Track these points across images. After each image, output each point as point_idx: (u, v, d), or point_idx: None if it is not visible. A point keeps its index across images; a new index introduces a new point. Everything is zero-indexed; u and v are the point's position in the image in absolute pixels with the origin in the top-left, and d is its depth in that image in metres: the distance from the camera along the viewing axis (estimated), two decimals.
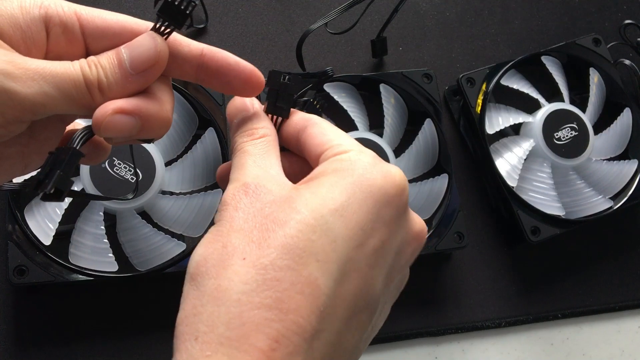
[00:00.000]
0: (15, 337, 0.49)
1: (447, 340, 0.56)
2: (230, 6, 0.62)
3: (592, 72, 0.61)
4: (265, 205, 0.27)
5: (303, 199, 0.27)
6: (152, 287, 0.51)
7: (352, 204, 0.28)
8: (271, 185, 0.29)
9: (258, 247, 0.26)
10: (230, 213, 0.28)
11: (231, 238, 0.27)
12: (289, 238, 0.26)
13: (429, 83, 0.57)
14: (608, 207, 0.58)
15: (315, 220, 0.27)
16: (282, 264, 0.26)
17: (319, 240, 0.26)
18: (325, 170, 0.29)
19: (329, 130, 0.32)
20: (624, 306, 0.60)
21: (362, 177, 0.28)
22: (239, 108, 0.33)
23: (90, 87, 0.28)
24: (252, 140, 0.32)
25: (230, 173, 0.31)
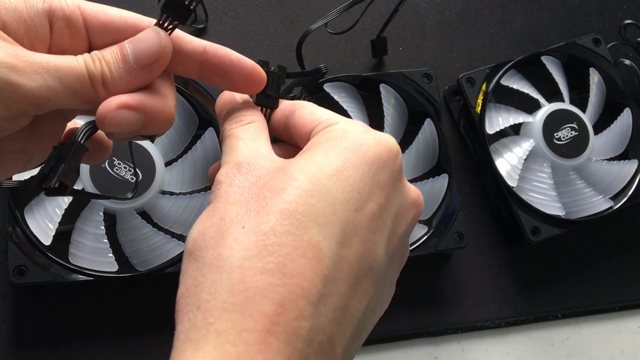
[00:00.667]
0: (15, 337, 0.49)
1: (447, 340, 0.56)
2: (230, 6, 0.62)
3: (592, 72, 0.61)
4: (260, 178, 0.28)
5: (298, 166, 0.28)
6: (152, 287, 0.51)
7: (348, 167, 0.28)
8: (264, 161, 0.29)
9: (257, 215, 0.26)
10: (224, 189, 0.28)
11: (228, 210, 0.27)
12: (287, 204, 0.26)
13: (429, 83, 0.57)
14: (608, 207, 0.58)
15: (312, 185, 0.27)
16: (283, 229, 0.26)
17: (318, 204, 0.26)
18: (318, 141, 0.29)
19: (317, 109, 0.32)
20: (624, 306, 0.60)
21: (356, 143, 0.29)
22: (227, 100, 0.34)
23: (94, 82, 0.28)
24: (241, 126, 0.32)
25: (222, 158, 0.31)
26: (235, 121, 0.33)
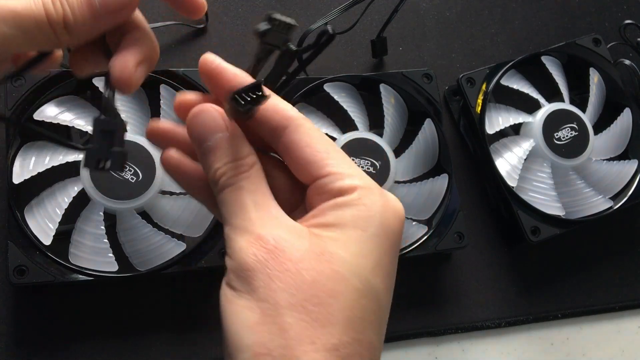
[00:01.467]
0: (16, 337, 0.49)
1: (447, 340, 0.56)
2: (230, 6, 0.62)
3: (592, 72, 0.61)
4: (301, 269, 0.26)
5: (341, 260, 0.27)
6: (152, 287, 0.51)
7: (382, 257, 0.28)
8: (288, 236, 0.27)
9: (322, 327, 0.26)
10: (265, 283, 0.26)
11: (285, 318, 0.25)
12: (348, 311, 0.26)
13: (429, 83, 0.57)
14: (608, 207, 0.58)
15: (362, 285, 0.27)
16: (349, 338, 0.26)
17: (368, 304, 0.27)
18: (343, 221, 0.28)
19: (317, 143, 0.30)
20: (624, 306, 0.60)
21: (382, 227, 0.28)
22: (211, 128, 0.30)
23: (55, 26, 0.27)
24: (244, 174, 0.29)
25: (226, 214, 0.29)
26: (234, 166, 0.29)
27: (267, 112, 0.30)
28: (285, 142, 0.30)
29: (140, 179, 0.48)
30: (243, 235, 0.28)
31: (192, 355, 0.51)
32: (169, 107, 0.51)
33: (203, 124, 0.30)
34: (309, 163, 0.30)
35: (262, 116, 0.30)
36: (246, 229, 0.28)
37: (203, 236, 0.49)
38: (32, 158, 0.48)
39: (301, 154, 0.30)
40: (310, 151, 0.30)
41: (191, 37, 0.60)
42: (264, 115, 0.30)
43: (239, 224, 0.28)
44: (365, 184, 0.29)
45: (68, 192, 0.47)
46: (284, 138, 0.30)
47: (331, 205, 0.29)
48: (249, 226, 0.28)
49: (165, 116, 0.50)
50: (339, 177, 0.29)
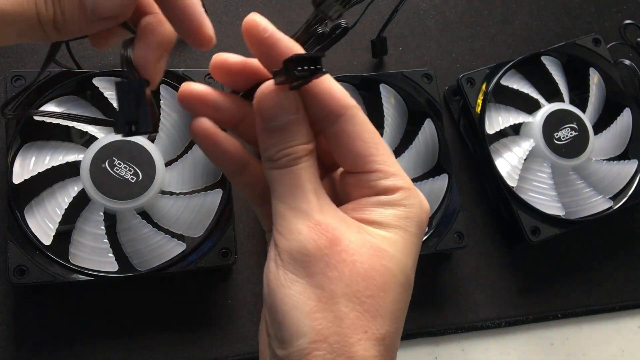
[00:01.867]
0: (16, 337, 0.49)
1: (447, 340, 0.56)
2: (230, 6, 0.62)
3: (592, 72, 0.61)
4: (356, 261, 0.28)
5: (390, 256, 0.29)
6: (152, 287, 0.51)
7: (416, 255, 0.30)
8: (342, 226, 0.29)
9: (373, 318, 0.27)
10: (322, 270, 0.27)
11: (341, 307, 0.27)
12: (394, 303, 0.28)
13: (429, 83, 0.57)
14: (608, 207, 0.58)
15: (405, 280, 0.29)
16: (393, 329, 0.28)
17: (407, 296, 0.30)
18: (387, 220, 0.30)
19: (368, 136, 0.30)
20: (624, 306, 0.60)
21: (419, 226, 0.30)
22: (285, 108, 0.29)
23: (45, 25, 0.27)
24: (307, 157, 0.30)
25: (282, 193, 0.29)
26: (300, 148, 0.30)
27: (324, 97, 0.30)
28: (337, 130, 0.30)
29: (140, 179, 0.48)
30: (301, 219, 0.28)
31: (192, 355, 0.51)
32: (169, 107, 0.51)
33: (278, 103, 0.29)
34: (358, 156, 0.30)
35: (319, 100, 0.30)
36: (305, 213, 0.28)
37: (203, 236, 0.49)
38: (32, 158, 0.48)
39: (351, 146, 0.30)
40: (361, 144, 0.30)
41: None
42: (321, 99, 0.30)
43: (297, 205, 0.29)
44: (407, 184, 0.31)
45: (68, 192, 0.47)
46: (337, 126, 0.30)
47: (374, 203, 0.30)
48: (309, 210, 0.28)
49: (165, 116, 0.50)
50: (384, 175, 0.30)
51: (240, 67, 0.31)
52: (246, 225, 0.55)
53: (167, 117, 0.50)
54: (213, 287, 0.53)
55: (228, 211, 0.50)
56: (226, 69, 0.31)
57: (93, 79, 0.50)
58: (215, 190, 0.50)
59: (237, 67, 0.31)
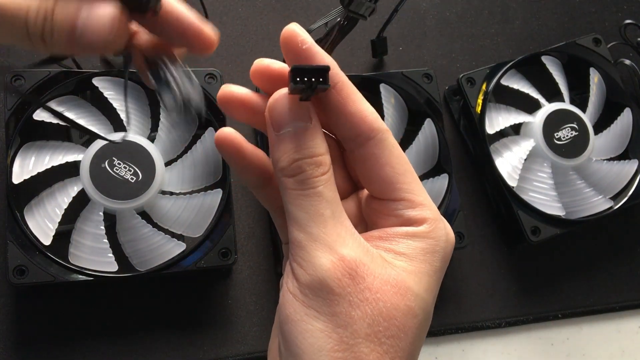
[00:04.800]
0: (15, 337, 0.49)
1: (447, 340, 0.56)
2: (230, 6, 0.62)
3: (592, 72, 0.61)
4: (379, 300, 0.27)
5: (414, 295, 0.28)
6: (152, 287, 0.51)
7: (438, 288, 0.30)
8: (365, 259, 0.27)
9: (391, 359, 0.27)
10: (346, 310, 0.26)
11: (362, 347, 0.26)
12: (413, 345, 0.28)
13: (429, 83, 0.57)
14: (608, 207, 0.58)
15: (425, 319, 0.29)
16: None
17: (425, 334, 0.29)
18: (414, 252, 0.29)
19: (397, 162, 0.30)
20: (624, 306, 0.60)
21: (444, 260, 0.30)
22: (294, 114, 0.28)
23: (32, 37, 0.27)
24: (324, 176, 0.28)
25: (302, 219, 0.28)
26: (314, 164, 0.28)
27: (355, 118, 0.29)
28: (366, 154, 0.30)
29: (140, 179, 0.48)
30: (324, 252, 0.27)
31: (192, 355, 0.51)
32: None
33: (288, 109, 0.28)
34: (385, 182, 0.30)
35: (349, 119, 0.29)
36: (327, 245, 0.27)
37: (203, 236, 0.49)
38: (32, 158, 0.48)
39: (379, 171, 0.30)
40: (389, 170, 0.29)
41: None
42: (351, 119, 0.29)
43: (317, 235, 0.27)
44: (434, 215, 0.30)
45: (68, 192, 0.47)
46: (365, 149, 0.30)
47: (401, 234, 0.29)
48: (331, 242, 0.27)
49: (165, 116, 0.50)
50: (411, 204, 0.29)
51: (282, 74, 0.30)
52: (246, 225, 0.55)
53: (167, 117, 0.50)
54: (213, 287, 0.53)
55: (228, 211, 0.50)
56: (267, 75, 0.30)
57: (93, 79, 0.50)
58: (215, 190, 0.50)
59: (278, 73, 0.30)
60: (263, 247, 0.55)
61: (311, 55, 0.29)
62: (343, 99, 0.29)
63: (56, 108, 0.49)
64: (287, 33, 0.29)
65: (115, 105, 0.49)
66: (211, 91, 0.52)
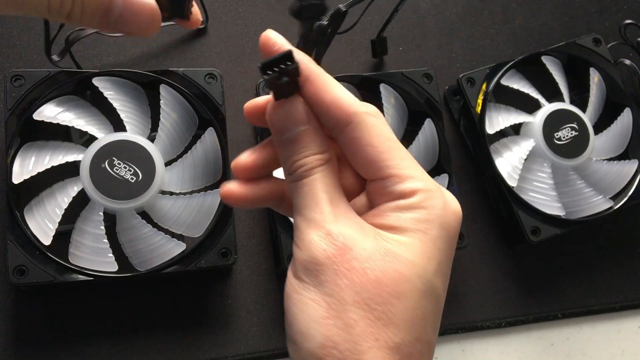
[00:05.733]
0: (15, 337, 0.48)
1: (447, 340, 0.56)
2: (230, 6, 0.62)
3: (592, 72, 0.61)
4: (366, 268, 0.27)
5: (404, 261, 0.28)
6: (152, 287, 0.51)
7: (443, 259, 0.29)
8: (355, 234, 0.28)
9: (385, 326, 0.27)
10: (332, 278, 0.27)
11: (350, 314, 0.27)
12: (410, 311, 0.27)
13: (429, 83, 0.57)
14: (608, 207, 0.58)
15: (424, 286, 0.28)
16: (411, 338, 0.27)
17: (429, 304, 0.28)
18: (405, 224, 0.29)
19: (379, 141, 0.30)
20: (624, 306, 0.60)
21: (442, 229, 0.29)
22: (295, 119, 0.30)
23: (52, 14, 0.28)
24: (321, 167, 0.30)
25: (299, 205, 0.30)
26: (313, 158, 0.30)
27: (330, 107, 0.30)
28: (347, 139, 0.30)
29: (140, 179, 0.48)
30: (314, 229, 0.29)
31: (192, 355, 0.51)
32: (169, 107, 0.51)
33: (286, 115, 0.30)
34: (370, 163, 0.30)
35: (325, 110, 0.30)
36: (318, 223, 0.29)
37: (203, 236, 0.49)
38: (31, 158, 0.48)
39: (362, 153, 0.30)
40: (371, 151, 0.30)
41: (191, 37, 0.60)
42: (327, 109, 0.30)
43: (311, 216, 0.29)
44: (426, 186, 0.30)
45: (68, 192, 0.47)
46: (346, 135, 0.30)
47: (392, 208, 0.29)
48: (321, 220, 0.29)
49: (165, 116, 0.50)
50: (399, 179, 0.30)
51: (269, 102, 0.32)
52: (246, 225, 0.55)
53: (167, 117, 0.50)
54: (213, 287, 0.53)
55: (228, 211, 0.50)
56: (257, 110, 0.33)
57: (93, 79, 0.50)
58: (215, 190, 0.50)
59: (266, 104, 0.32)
60: (263, 247, 0.55)
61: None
62: (317, 90, 0.30)
63: (56, 108, 0.49)
64: (263, 39, 0.31)
65: (116, 105, 0.49)
66: (211, 91, 0.52)
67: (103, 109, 0.50)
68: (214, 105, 0.52)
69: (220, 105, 0.52)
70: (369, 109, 0.30)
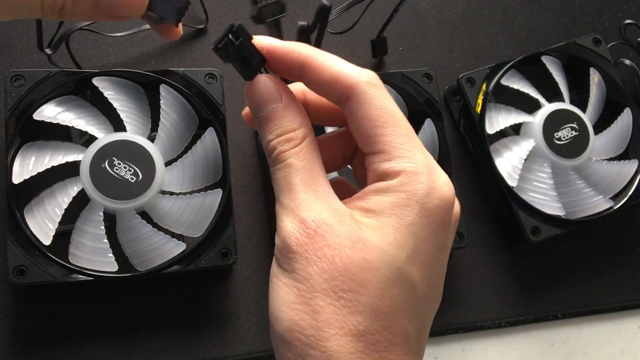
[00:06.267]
0: (15, 337, 0.49)
1: (447, 340, 0.56)
2: (230, 6, 0.62)
3: (592, 72, 0.61)
4: (335, 255, 0.27)
5: (373, 248, 0.27)
6: (152, 287, 0.51)
7: (419, 246, 0.28)
8: (330, 219, 0.28)
9: (350, 313, 0.27)
10: (303, 266, 0.28)
11: (318, 301, 0.27)
12: (376, 299, 0.27)
13: (429, 83, 0.57)
14: (608, 207, 0.58)
15: (393, 274, 0.27)
16: (378, 326, 0.27)
17: (400, 293, 0.28)
18: (381, 207, 0.28)
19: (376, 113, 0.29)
20: (624, 306, 0.60)
21: (422, 215, 0.28)
22: (266, 98, 0.30)
23: (45, 10, 0.28)
24: (294, 149, 0.30)
25: (277, 191, 0.30)
26: (285, 140, 0.30)
27: (330, 86, 0.30)
28: (348, 112, 0.30)
29: (140, 179, 0.48)
30: (289, 216, 0.29)
31: (192, 355, 0.51)
32: (169, 107, 0.51)
33: (258, 94, 0.31)
34: (364, 136, 0.29)
35: (327, 87, 0.30)
36: (291, 210, 0.29)
37: (203, 236, 0.49)
38: (31, 158, 0.48)
39: (359, 126, 0.30)
40: (367, 123, 0.29)
41: (191, 37, 0.60)
42: (328, 86, 0.30)
43: (286, 203, 0.29)
44: (412, 167, 0.28)
45: (68, 192, 0.47)
46: (347, 108, 0.30)
47: (373, 190, 0.29)
48: (295, 207, 0.29)
49: (165, 116, 0.50)
50: (386, 157, 0.29)
51: None
52: (246, 225, 0.55)
53: (166, 117, 0.50)
54: (213, 287, 0.53)
55: (228, 211, 0.50)
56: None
57: (93, 78, 0.50)
58: (215, 190, 0.50)
59: None
60: (263, 247, 0.55)
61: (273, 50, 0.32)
62: (314, 71, 0.30)
63: (56, 108, 0.49)
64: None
65: (116, 105, 0.49)
66: (211, 91, 0.52)
67: (103, 109, 0.50)
68: (214, 105, 0.52)
69: (220, 105, 0.52)
70: (370, 78, 0.30)
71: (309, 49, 0.31)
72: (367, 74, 0.30)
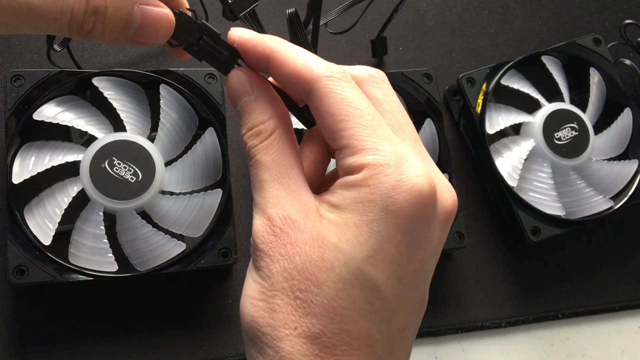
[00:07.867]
0: (15, 337, 0.49)
1: (447, 340, 0.56)
2: None
3: (592, 72, 0.61)
4: (295, 254, 0.27)
5: (331, 247, 0.26)
6: (152, 287, 0.51)
7: (381, 245, 0.26)
8: (296, 215, 0.28)
9: (305, 315, 0.26)
10: (267, 263, 0.27)
11: (277, 300, 0.27)
12: (331, 300, 0.26)
13: (429, 83, 0.57)
14: (608, 207, 0.58)
15: (351, 275, 0.26)
16: (333, 328, 0.26)
17: (360, 294, 0.26)
18: (344, 203, 0.27)
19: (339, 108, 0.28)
20: (624, 306, 0.60)
21: (386, 211, 0.26)
22: (239, 91, 0.30)
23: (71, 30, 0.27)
24: (262, 144, 0.29)
25: (252, 188, 0.30)
26: (254, 134, 0.30)
27: (292, 81, 0.29)
28: (311, 109, 0.29)
29: (140, 179, 0.48)
30: (259, 214, 0.29)
31: (192, 355, 0.51)
32: (169, 107, 0.50)
33: (231, 88, 0.31)
34: (328, 132, 0.28)
35: (289, 83, 0.30)
36: (260, 207, 0.29)
37: (203, 236, 0.49)
38: (31, 158, 0.48)
39: (321, 122, 0.29)
40: (330, 119, 0.28)
41: None
42: (290, 85, 0.30)
43: (257, 200, 0.29)
44: (377, 160, 0.27)
45: (68, 192, 0.47)
46: (310, 104, 0.29)
47: (340, 184, 0.28)
48: (264, 205, 0.29)
49: (165, 116, 0.50)
50: (351, 151, 0.27)
51: None
52: (246, 225, 0.55)
53: (166, 117, 0.50)
54: (213, 287, 0.53)
55: (228, 211, 0.50)
56: None
57: (93, 79, 0.50)
58: (215, 190, 0.50)
59: None
60: None
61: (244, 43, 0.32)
62: (278, 65, 0.30)
63: (56, 108, 0.49)
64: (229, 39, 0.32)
65: (115, 105, 0.49)
66: (211, 91, 0.52)
67: (103, 109, 0.50)
68: (214, 105, 0.52)
69: (220, 105, 0.52)
70: (332, 72, 0.28)
71: (275, 42, 0.30)
72: (330, 67, 0.29)
